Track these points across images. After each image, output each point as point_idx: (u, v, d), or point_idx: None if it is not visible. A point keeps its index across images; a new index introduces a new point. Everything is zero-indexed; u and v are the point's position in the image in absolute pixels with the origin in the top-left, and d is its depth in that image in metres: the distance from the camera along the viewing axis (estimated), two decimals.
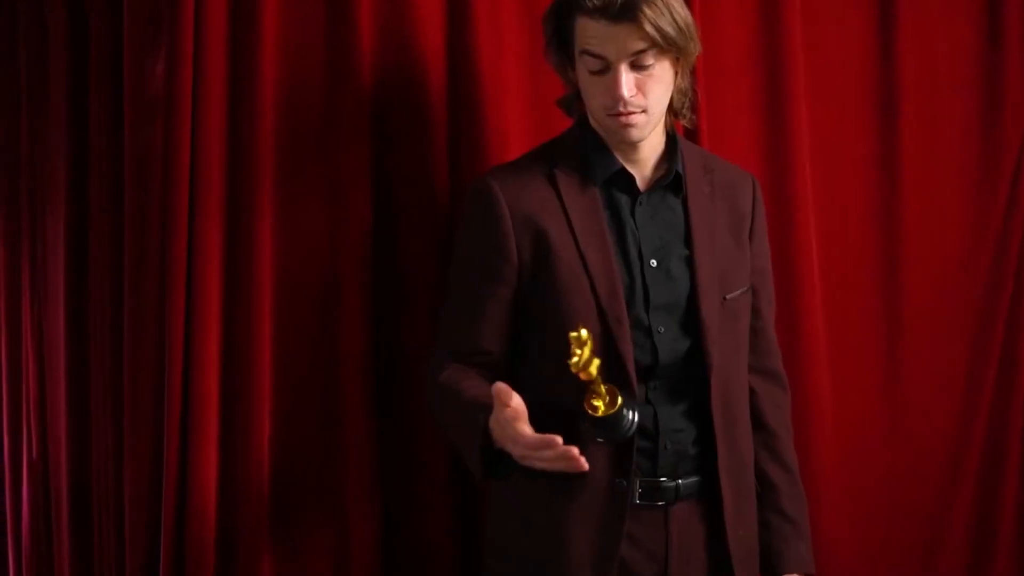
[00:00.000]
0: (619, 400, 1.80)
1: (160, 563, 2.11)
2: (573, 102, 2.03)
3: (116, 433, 2.25)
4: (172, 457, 2.10)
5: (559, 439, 1.72)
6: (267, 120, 2.15)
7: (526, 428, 1.75)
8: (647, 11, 1.83)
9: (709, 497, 2.01)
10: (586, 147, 2.00)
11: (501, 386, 1.76)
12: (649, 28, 1.84)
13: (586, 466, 1.74)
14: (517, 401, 1.76)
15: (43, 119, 2.52)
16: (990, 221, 2.73)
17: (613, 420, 1.80)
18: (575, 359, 1.71)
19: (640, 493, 1.96)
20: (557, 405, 1.93)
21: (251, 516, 2.15)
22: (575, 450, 1.73)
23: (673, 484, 1.98)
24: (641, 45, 1.86)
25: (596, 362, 1.72)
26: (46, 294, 2.53)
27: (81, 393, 2.38)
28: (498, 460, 1.84)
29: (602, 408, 1.80)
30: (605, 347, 1.92)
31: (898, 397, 2.69)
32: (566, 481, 1.91)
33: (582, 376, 1.73)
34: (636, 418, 1.83)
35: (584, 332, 1.70)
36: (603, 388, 1.79)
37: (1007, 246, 2.73)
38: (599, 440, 1.86)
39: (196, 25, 2.10)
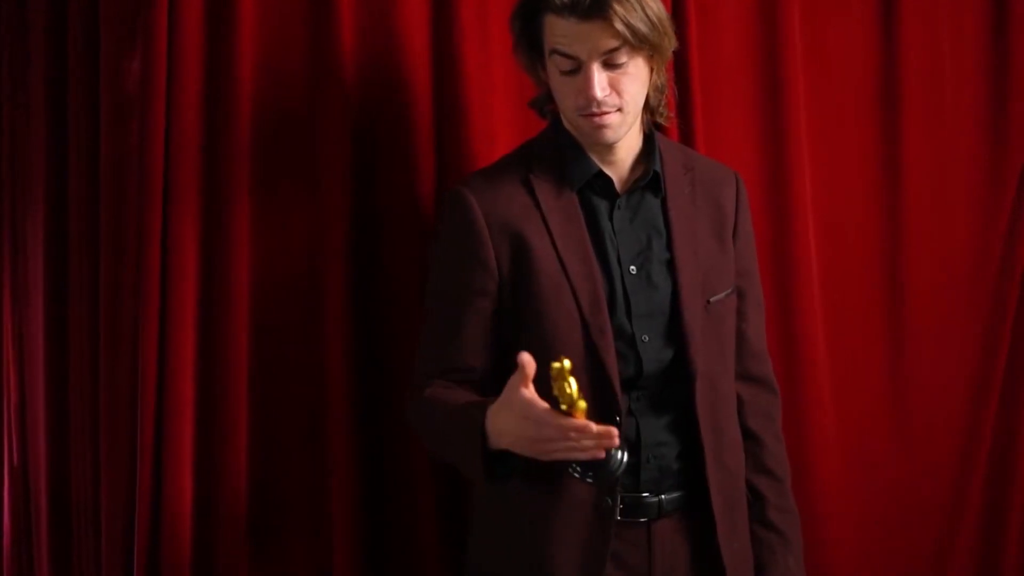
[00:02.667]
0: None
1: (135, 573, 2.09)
2: (545, 103, 1.98)
3: (94, 440, 2.22)
4: (146, 467, 2.08)
5: (592, 427, 1.63)
6: (244, 120, 2.11)
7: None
8: (618, 8, 1.77)
9: (695, 512, 1.95)
10: (562, 150, 1.94)
11: (526, 358, 1.66)
12: (620, 26, 1.77)
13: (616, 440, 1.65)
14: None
15: (23, 118, 2.49)
16: (997, 221, 2.67)
17: (602, 460, 1.71)
18: (566, 391, 1.62)
19: (622, 509, 1.91)
20: None
21: (228, 528, 2.12)
22: (613, 431, 1.64)
23: (656, 500, 1.93)
24: (613, 43, 1.80)
25: (583, 405, 1.64)
26: (27, 296, 2.50)
27: (60, 398, 2.34)
28: (499, 460, 1.76)
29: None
30: (588, 359, 1.87)
31: (902, 404, 2.64)
32: (549, 502, 1.87)
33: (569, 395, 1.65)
34: (625, 457, 1.74)
35: (567, 363, 1.62)
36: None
37: (1014, 247, 2.67)
38: (588, 481, 1.81)
39: (170, 22, 2.07)
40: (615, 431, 1.65)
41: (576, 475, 1.83)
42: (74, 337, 2.29)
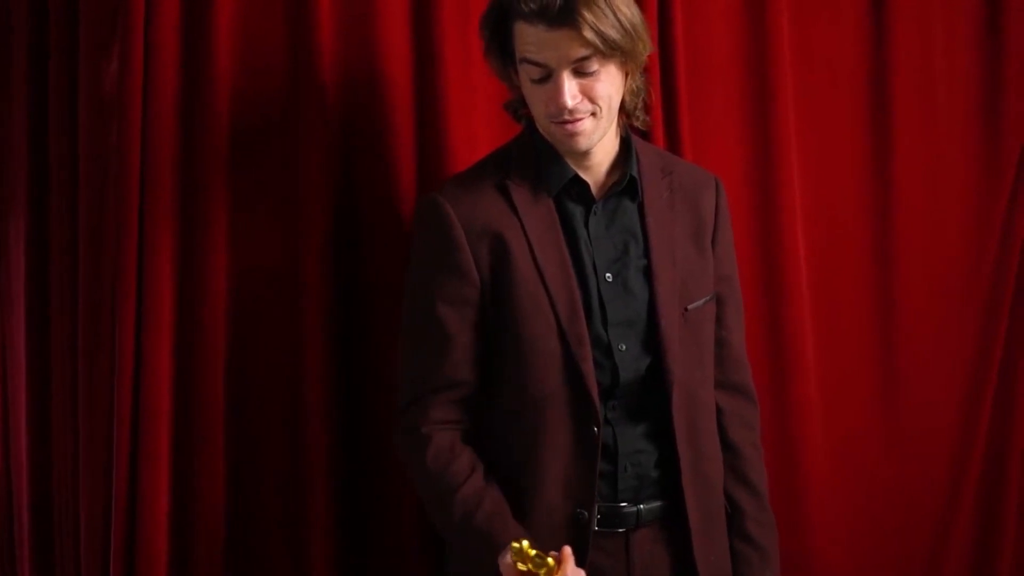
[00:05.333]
0: None
1: None
2: (520, 106, 1.94)
3: (75, 442, 2.21)
4: (122, 471, 2.07)
5: None
6: (222, 122, 2.09)
7: None
8: (587, 15, 1.73)
9: (674, 522, 1.93)
10: (537, 154, 1.91)
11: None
12: (589, 34, 1.74)
13: None
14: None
15: (6, 121, 2.47)
16: (991, 223, 2.64)
17: None
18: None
19: (599, 519, 1.89)
20: (516, 433, 1.86)
21: (205, 532, 2.11)
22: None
23: (634, 509, 1.91)
24: (583, 52, 1.76)
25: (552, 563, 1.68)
26: (9, 300, 2.48)
27: (42, 402, 2.33)
28: None
29: None
30: (566, 368, 1.85)
31: (894, 409, 2.60)
32: (524, 512, 1.85)
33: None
34: None
35: (525, 543, 1.68)
36: None
37: (1008, 249, 2.64)
38: None
39: (147, 23, 2.05)
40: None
41: None
42: (55, 340, 2.27)
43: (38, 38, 2.28)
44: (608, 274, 1.89)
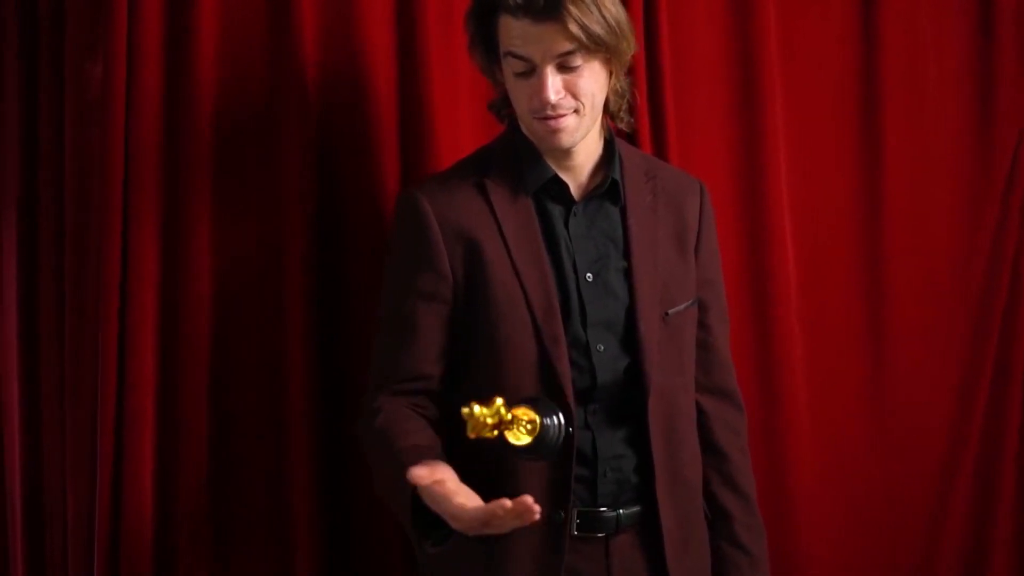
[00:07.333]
0: (537, 420, 1.68)
1: None
2: (503, 107, 1.94)
3: (63, 443, 2.22)
4: (105, 472, 2.06)
5: (506, 502, 1.57)
6: (205, 124, 2.09)
7: (463, 501, 1.62)
8: (572, 9, 1.73)
9: (652, 527, 1.91)
10: (518, 154, 1.91)
11: (419, 472, 1.63)
12: (575, 28, 1.74)
13: (537, 514, 1.58)
14: (441, 473, 1.65)
15: None
16: (983, 224, 2.62)
17: (540, 441, 1.69)
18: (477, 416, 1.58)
19: (578, 524, 1.87)
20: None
21: (189, 531, 2.10)
22: (528, 499, 1.57)
23: (613, 514, 1.89)
24: (568, 46, 1.76)
25: (498, 402, 1.60)
26: (0, 298, 2.47)
27: (33, 399, 2.33)
28: (436, 525, 1.71)
29: (524, 434, 1.68)
30: (541, 367, 1.84)
31: (884, 411, 2.59)
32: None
33: (493, 423, 1.60)
34: (562, 421, 1.72)
35: (476, 408, 1.58)
36: (521, 417, 1.67)
37: (1002, 250, 2.63)
38: (539, 461, 1.78)
39: (130, 26, 2.05)
40: (529, 501, 1.57)
41: (522, 458, 1.77)
42: (45, 341, 2.29)
43: (29, 40, 2.29)
44: (589, 274, 1.89)
